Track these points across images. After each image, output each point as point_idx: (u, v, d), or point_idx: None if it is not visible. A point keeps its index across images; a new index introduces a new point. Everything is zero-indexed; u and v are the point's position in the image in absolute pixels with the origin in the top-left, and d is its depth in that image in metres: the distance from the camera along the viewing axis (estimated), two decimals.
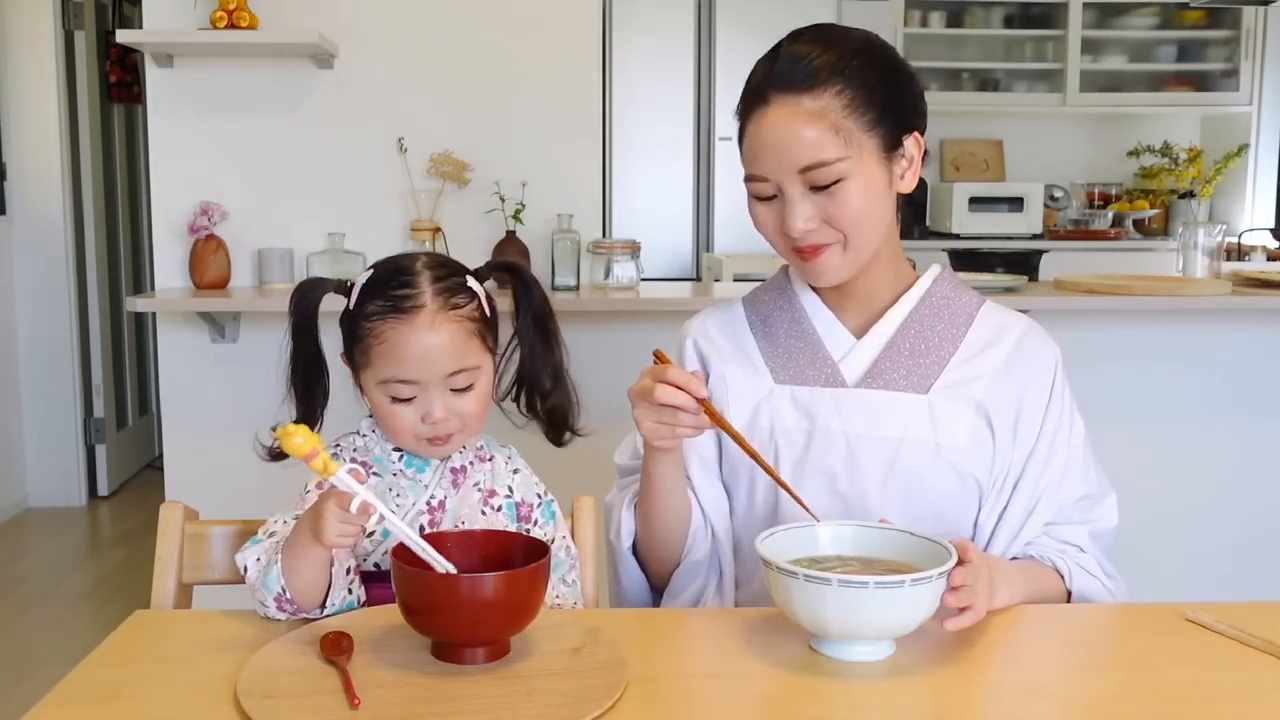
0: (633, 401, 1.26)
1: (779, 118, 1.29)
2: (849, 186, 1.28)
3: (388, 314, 1.24)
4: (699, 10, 4.37)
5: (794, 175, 1.28)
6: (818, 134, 1.27)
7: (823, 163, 1.27)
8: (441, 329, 1.24)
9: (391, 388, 1.25)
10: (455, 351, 1.25)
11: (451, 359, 1.25)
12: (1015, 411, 1.35)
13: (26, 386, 4.73)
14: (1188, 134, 5.36)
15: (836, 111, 1.27)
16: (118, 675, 1.06)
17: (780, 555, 1.10)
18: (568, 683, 1.02)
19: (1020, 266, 3.23)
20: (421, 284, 1.26)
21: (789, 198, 1.30)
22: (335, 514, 1.11)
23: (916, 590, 1.05)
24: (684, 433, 1.25)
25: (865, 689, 1.04)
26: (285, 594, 1.17)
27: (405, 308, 1.24)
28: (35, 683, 2.99)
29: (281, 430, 1.06)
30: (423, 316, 1.24)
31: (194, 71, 3.12)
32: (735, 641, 1.15)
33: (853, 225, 1.30)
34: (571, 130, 3.23)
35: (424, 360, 1.24)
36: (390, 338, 1.24)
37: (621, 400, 1.31)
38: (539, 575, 1.07)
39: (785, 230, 1.31)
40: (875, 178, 1.30)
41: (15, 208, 4.66)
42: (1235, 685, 1.06)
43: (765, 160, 1.31)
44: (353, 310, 1.28)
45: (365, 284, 1.28)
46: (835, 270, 1.34)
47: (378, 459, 1.32)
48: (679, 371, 1.22)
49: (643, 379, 1.25)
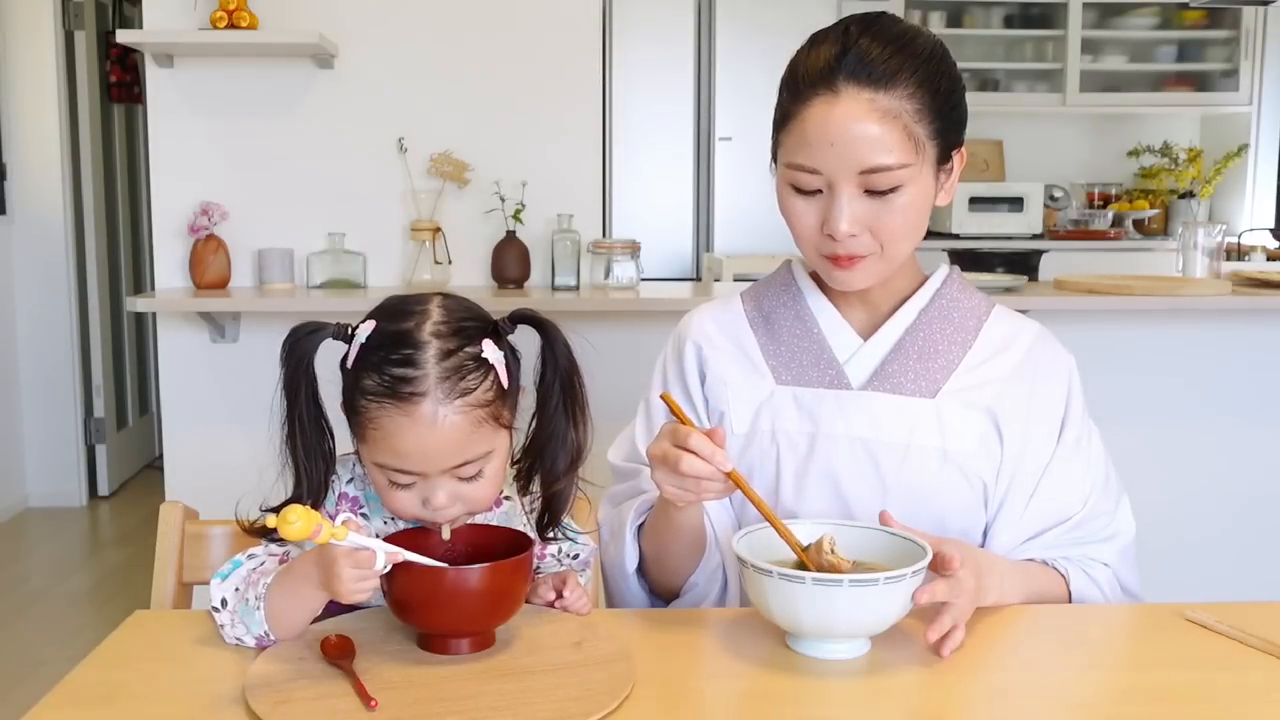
0: (654, 465, 1.17)
1: (851, 110, 1.20)
2: (905, 196, 1.23)
3: (384, 399, 1.08)
4: (699, 10, 4.37)
5: (852, 175, 1.21)
6: (888, 135, 1.20)
7: (888, 167, 1.21)
8: (445, 422, 1.08)
9: (389, 474, 1.12)
10: (460, 445, 1.10)
11: (456, 453, 1.10)
12: (1026, 420, 1.32)
13: (26, 386, 4.73)
14: (1188, 134, 5.36)
15: (908, 115, 1.21)
16: (118, 675, 1.06)
17: (756, 554, 1.10)
18: (575, 676, 1.03)
19: (1020, 266, 3.23)
20: (425, 364, 1.09)
21: (839, 196, 1.23)
22: (351, 572, 1.03)
23: (890, 589, 1.05)
24: (708, 499, 1.18)
25: (841, 687, 1.04)
26: (269, 636, 1.09)
27: (404, 394, 1.08)
28: (35, 683, 2.99)
29: (279, 520, 0.96)
30: (424, 408, 1.08)
31: (194, 71, 3.12)
32: (711, 641, 1.15)
33: (896, 237, 1.25)
34: (571, 130, 3.23)
35: (423, 457, 1.09)
36: (387, 427, 1.09)
37: (620, 401, 1.30)
38: (522, 567, 1.09)
39: (828, 230, 1.24)
40: (928, 190, 1.26)
41: (15, 208, 4.66)
42: (1235, 685, 1.06)
43: (824, 153, 1.22)
44: (351, 369, 1.12)
45: (365, 343, 1.12)
46: (865, 279, 1.29)
47: (370, 497, 1.20)
48: (702, 440, 1.13)
49: (661, 441, 1.16)
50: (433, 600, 1.06)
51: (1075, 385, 1.37)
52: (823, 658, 1.09)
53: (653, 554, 1.35)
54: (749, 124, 4.31)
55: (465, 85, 3.18)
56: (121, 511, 4.77)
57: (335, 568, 1.03)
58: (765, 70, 1.33)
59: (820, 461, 1.32)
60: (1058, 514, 1.33)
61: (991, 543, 1.33)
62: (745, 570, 1.09)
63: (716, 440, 1.14)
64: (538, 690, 1.00)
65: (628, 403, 1.47)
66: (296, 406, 1.13)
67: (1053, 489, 1.33)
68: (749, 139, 4.31)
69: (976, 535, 1.34)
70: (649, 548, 1.35)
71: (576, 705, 0.97)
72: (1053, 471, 1.33)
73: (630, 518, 1.35)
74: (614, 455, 1.47)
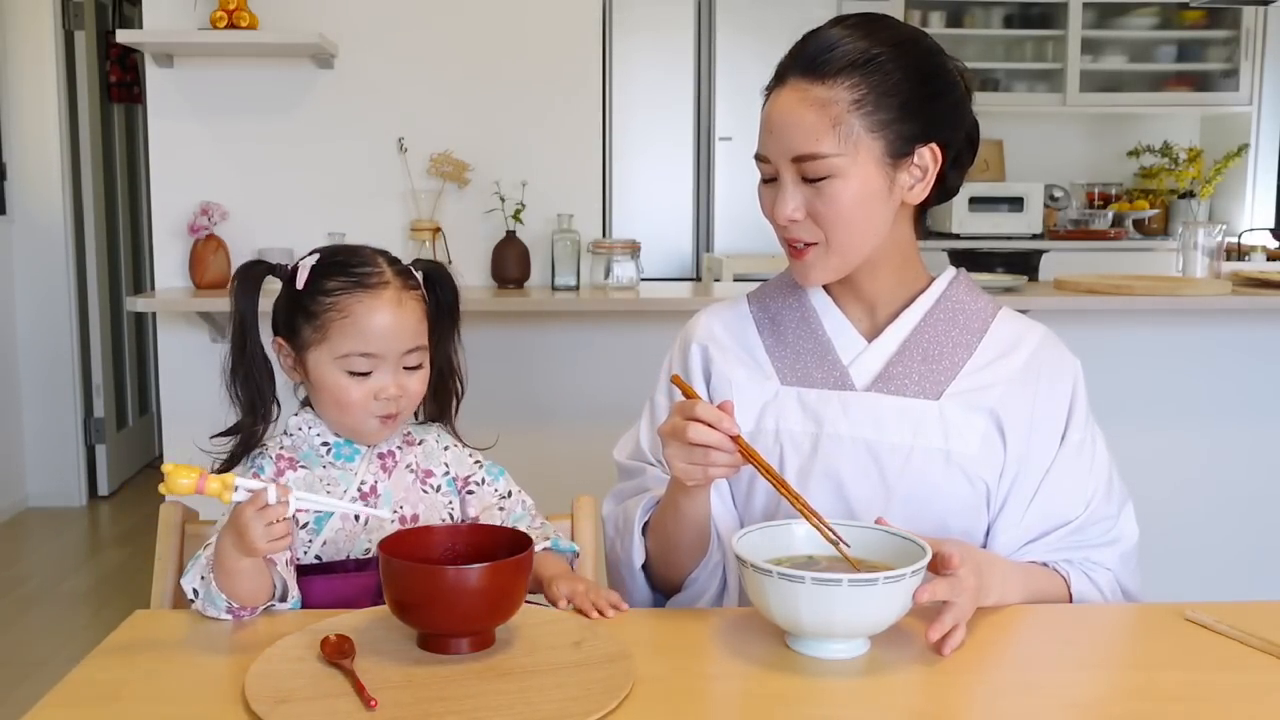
0: (664, 441, 1.21)
1: (788, 100, 1.27)
2: (838, 185, 1.26)
3: (353, 288, 1.27)
4: (699, 10, 4.37)
5: (788, 162, 1.27)
6: (816, 124, 1.24)
7: (815, 155, 1.25)
8: (405, 306, 1.29)
9: (350, 361, 1.27)
10: (414, 329, 1.30)
11: (411, 335, 1.30)
12: (1031, 422, 1.32)
13: (26, 386, 4.73)
14: (1188, 134, 5.36)
15: (843, 105, 1.24)
16: (118, 675, 1.06)
17: (756, 553, 1.10)
18: (575, 676, 1.03)
19: (1020, 266, 3.23)
20: (381, 264, 1.31)
21: (782, 184, 1.29)
22: (256, 519, 1.10)
23: (890, 588, 1.05)
24: (717, 473, 1.19)
25: (841, 687, 1.04)
26: (232, 605, 1.17)
27: (371, 283, 1.28)
28: (35, 683, 2.99)
29: (165, 483, 1.06)
30: (388, 292, 1.28)
31: (194, 71, 3.12)
32: (711, 640, 1.15)
33: (835, 226, 1.28)
34: (571, 130, 3.23)
35: (387, 334, 1.27)
36: (355, 311, 1.27)
37: (621, 399, 1.31)
38: (522, 567, 1.09)
39: (772, 217, 1.31)
40: (871, 180, 1.27)
41: (15, 208, 4.66)
42: (1235, 685, 1.06)
43: (767, 141, 1.30)
44: (302, 290, 1.29)
45: (317, 265, 1.30)
46: (817, 271, 1.32)
47: (305, 455, 1.33)
48: (709, 408, 1.17)
49: (672, 417, 1.20)
50: (433, 600, 1.06)
51: (1080, 388, 1.37)
52: (822, 657, 1.09)
53: (658, 549, 1.36)
54: (749, 124, 4.29)
55: (465, 85, 3.19)
56: (121, 511, 4.76)
57: (241, 524, 1.11)
58: (765, 70, 1.34)
59: (823, 462, 1.32)
60: (1059, 516, 1.33)
61: (993, 544, 1.33)
62: (745, 570, 1.09)
63: (725, 411, 1.17)
64: (538, 690, 1.00)
65: (629, 402, 1.48)
66: (251, 334, 1.31)
67: (1055, 492, 1.33)
68: (749, 139, 4.27)
69: (978, 536, 1.34)
70: (654, 543, 1.36)
71: (576, 705, 0.97)
72: (1055, 474, 1.33)
73: (638, 514, 1.36)
74: (619, 453, 1.48)
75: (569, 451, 2.90)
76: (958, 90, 1.32)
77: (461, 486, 1.38)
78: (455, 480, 1.38)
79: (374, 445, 1.34)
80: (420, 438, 1.39)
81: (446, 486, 1.37)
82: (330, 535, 1.30)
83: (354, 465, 1.33)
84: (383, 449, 1.35)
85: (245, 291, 1.31)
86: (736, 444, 1.17)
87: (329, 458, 1.33)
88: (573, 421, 3.03)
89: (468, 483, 1.39)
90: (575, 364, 3.05)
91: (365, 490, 1.32)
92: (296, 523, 1.21)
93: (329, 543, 1.30)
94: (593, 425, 2.91)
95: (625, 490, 1.44)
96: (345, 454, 1.33)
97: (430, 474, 1.37)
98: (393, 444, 1.36)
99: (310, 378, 1.31)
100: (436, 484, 1.37)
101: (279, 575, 1.20)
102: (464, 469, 1.39)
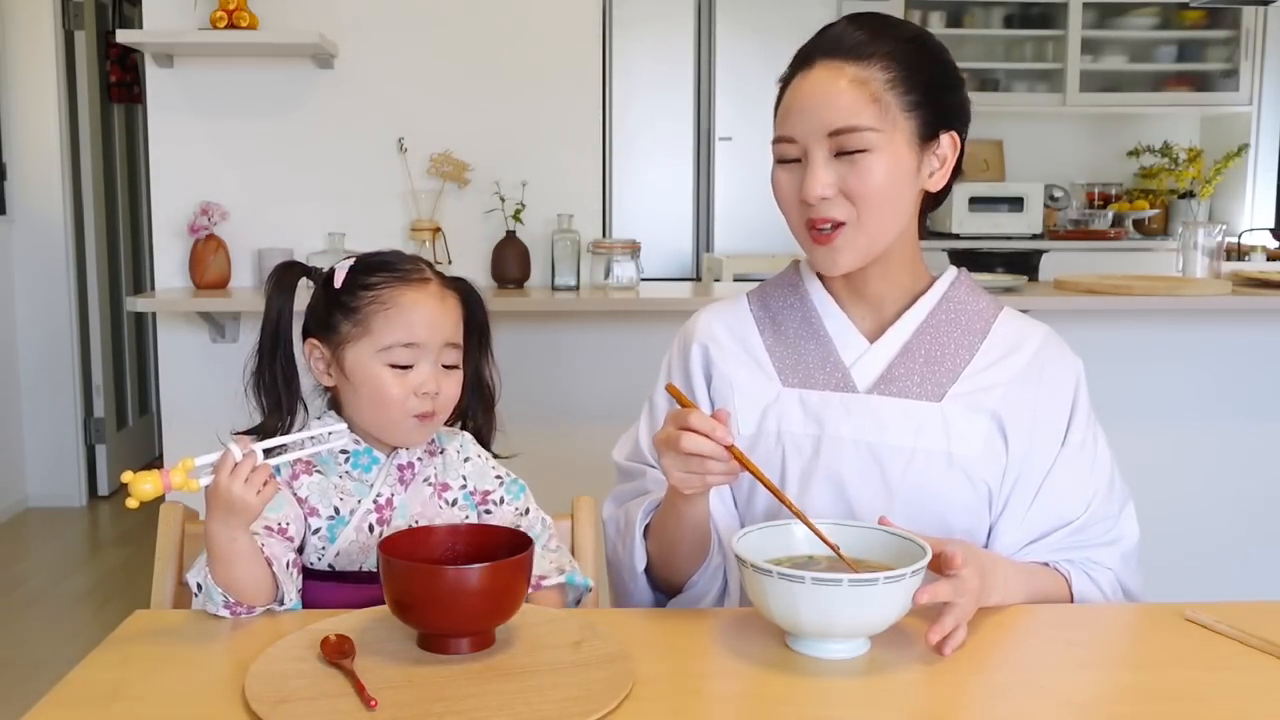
0: (659, 451, 1.20)
1: (821, 78, 1.27)
2: (874, 159, 1.26)
3: (395, 282, 1.30)
4: (699, 10, 4.37)
5: (822, 138, 1.26)
6: (855, 99, 1.25)
7: (854, 128, 1.25)
8: (446, 301, 1.32)
9: (393, 353, 1.28)
10: (454, 324, 1.32)
11: (452, 329, 1.32)
12: (1033, 423, 1.32)
13: (26, 386, 4.73)
14: (1188, 134, 5.36)
15: (879, 83, 1.26)
16: (118, 675, 1.06)
17: (756, 554, 1.10)
18: (575, 676, 1.03)
19: (1020, 266, 3.23)
20: (422, 265, 1.34)
21: (812, 161, 1.27)
22: (233, 481, 1.11)
23: (890, 588, 1.05)
24: (714, 481, 1.18)
25: (841, 687, 1.04)
26: (230, 600, 1.17)
27: (414, 278, 1.31)
28: (35, 683, 2.99)
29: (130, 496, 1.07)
30: (431, 286, 1.31)
31: (194, 71, 3.12)
32: (711, 640, 1.15)
33: (869, 201, 1.27)
34: (571, 130, 3.23)
35: (431, 324, 1.29)
36: (400, 301, 1.29)
37: (620, 399, 1.31)
38: (522, 567, 1.09)
39: (803, 196, 1.27)
40: (903, 160, 1.28)
41: (15, 208, 4.66)
42: (1235, 685, 1.06)
43: (797, 119, 1.28)
44: (340, 289, 1.30)
45: (355, 267, 1.32)
46: (846, 255, 1.30)
47: (324, 460, 1.32)
48: (703, 417, 1.15)
49: (666, 426, 1.18)
50: (433, 600, 1.06)
51: (1082, 389, 1.37)
52: (822, 657, 1.09)
53: (659, 552, 1.35)
54: (749, 124, 4.32)
55: (465, 85, 3.18)
56: (121, 511, 4.76)
57: (224, 495, 1.11)
58: (765, 70, 1.35)
59: (825, 464, 1.32)
60: (1061, 517, 1.33)
61: (994, 544, 1.33)
62: (745, 570, 1.09)
63: (720, 419, 1.16)
64: (538, 690, 1.00)
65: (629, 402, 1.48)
66: (284, 334, 1.32)
67: (1056, 492, 1.32)
68: (749, 139, 4.31)
69: (980, 537, 1.33)
70: (655, 546, 1.35)
71: (576, 705, 0.97)
72: (1057, 474, 1.33)
73: (639, 518, 1.36)
74: (618, 454, 1.47)
75: (569, 451, 2.90)
76: (964, 86, 1.35)
77: (480, 503, 1.37)
78: (473, 495, 1.37)
79: (395, 455, 1.33)
80: (443, 446, 1.37)
81: (464, 500, 1.36)
82: (344, 546, 1.29)
83: (370, 476, 1.32)
84: (403, 459, 1.34)
85: (281, 291, 1.33)
86: (731, 453, 1.16)
87: (346, 466, 1.32)
88: (572, 421, 3.03)
89: (486, 499, 1.37)
90: (575, 364, 3.05)
91: (380, 503, 1.31)
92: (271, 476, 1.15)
93: (342, 554, 1.29)
94: (592, 425, 2.91)
95: (625, 492, 1.44)
96: (363, 463, 1.33)
97: (447, 487, 1.35)
98: (415, 454, 1.34)
99: (349, 376, 1.30)
100: (453, 497, 1.35)
101: (281, 575, 1.20)
102: (484, 483, 1.38)
